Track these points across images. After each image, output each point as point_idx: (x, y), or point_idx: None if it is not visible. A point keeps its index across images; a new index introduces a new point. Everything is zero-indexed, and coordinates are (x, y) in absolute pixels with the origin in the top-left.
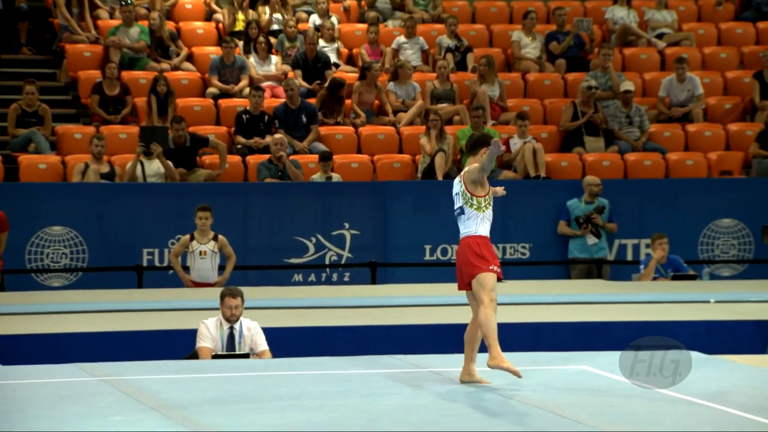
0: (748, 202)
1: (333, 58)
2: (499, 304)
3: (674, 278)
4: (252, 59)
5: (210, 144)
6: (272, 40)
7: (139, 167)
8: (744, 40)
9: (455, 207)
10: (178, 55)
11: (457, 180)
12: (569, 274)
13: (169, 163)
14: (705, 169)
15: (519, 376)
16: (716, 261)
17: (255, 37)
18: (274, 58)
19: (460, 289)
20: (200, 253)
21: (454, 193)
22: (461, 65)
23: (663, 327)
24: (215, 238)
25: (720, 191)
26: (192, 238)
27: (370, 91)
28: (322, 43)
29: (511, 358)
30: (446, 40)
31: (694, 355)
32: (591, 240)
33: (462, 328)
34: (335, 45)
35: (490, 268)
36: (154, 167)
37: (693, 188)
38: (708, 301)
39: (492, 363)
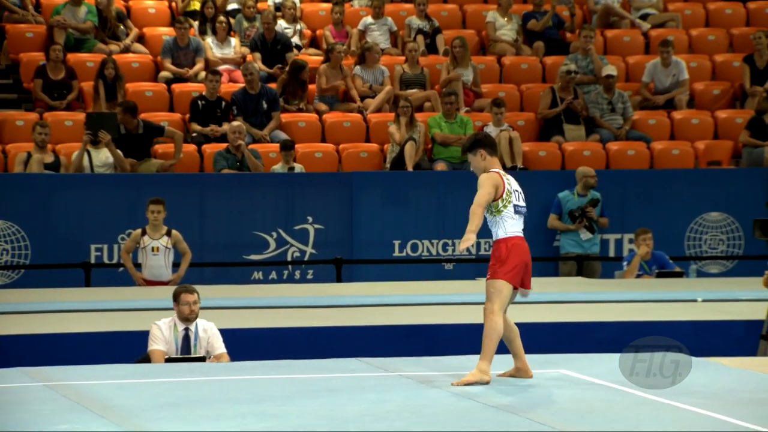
0: (738, 194)
1: (296, 40)
2: (474, 303)
3: (659, 276)
4: (209, 40)
5: (165, 133)
6: (231, 20)
7: (86, 157)
8: (734, 21)
9: None
10: (128, 36)
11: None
12: (557, 271)
13: (119, 152)
14: (692, 159)
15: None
16: (704, 257)
17: (211, 17)
18: (234, 41)
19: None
20: (152, 249)
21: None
22: (431, 48)
23: (647, 327)
24: (168, 234)
25: (708, 183)
26: (144, 233)
27: (335, 75)
28: (284, 24)
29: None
30: (416, 21)
31: (681, 356)
32: (585, 235)
33: (433, 328)
34: (297, 26)
35: (506, 274)
36: (103, 157)
37: (679, 180)
38: (695, 300)
39: (469, 379)
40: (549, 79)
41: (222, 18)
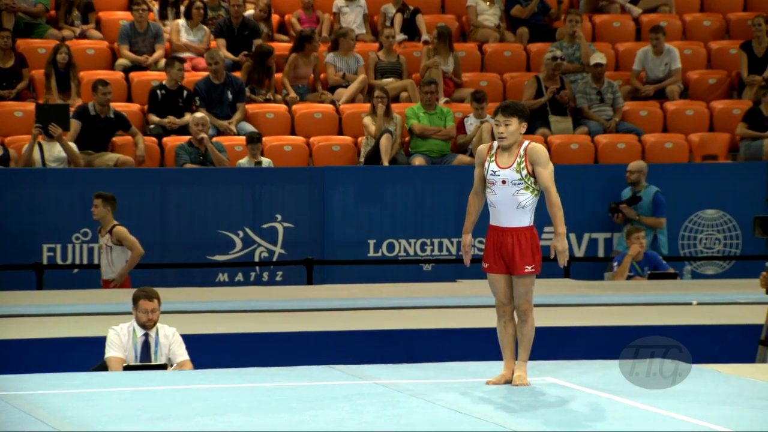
0: (736, 190)
1: (264, 28)
2: (455, 306)
3: (651, 277)
4: (180, 23)
5: (130, 132)
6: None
7: (37, 150)
8: (730, 6)
9: None
10: (84, 21)
11: None
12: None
13: (72, 145)
14: (686, 152)
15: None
16: (699, 257)
17: (172, 1)
18: (206, 29)
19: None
20: (100, 247)
21: None
22: (410, 29)
23: (639, 332)
24: (111, 230)
25: (703, 178)
26: (99, 231)
27: (307, 64)
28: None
29: (467, 369)
30: (392, 9)
31: (673, 364)
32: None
33: (411, 334)
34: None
35: (483, 266)
36: (55, 151)
37: (672, 174)
38: (690, 303)
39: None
40: (534, 67)
41: (199, 3)
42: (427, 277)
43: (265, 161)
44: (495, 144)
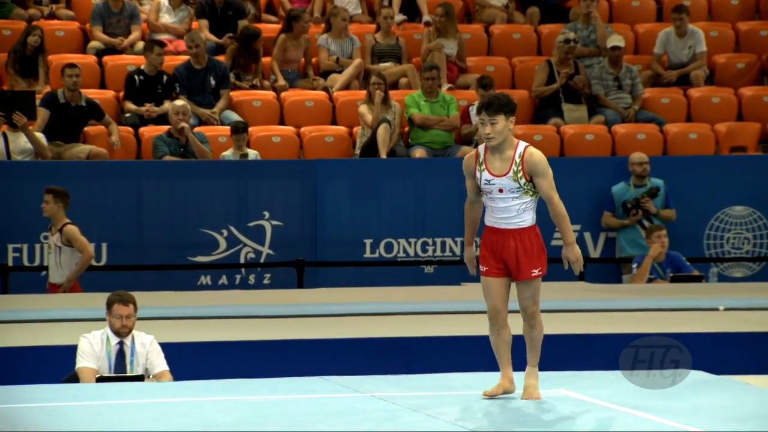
0: (766, 185)
1: (250, 8)
2: (459, 312)
3: (674, 280)
4: (162, 2)
5: (104, 121)
6: None
7: (1, 141)
8: None
9: None
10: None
11: None
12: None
13: (39, 135)
14: (712, 144)
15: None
16: (726, 259)
17: None
18: (189, 10)
19: None
20: (48, 246)
21: None
22: (410, 9)
23: None
24: (61, 229)
25: (731, 172)
26: (49, 229)
27: (297, 46)
28: None
29: (476, 380)
30: None
31: (699, 375)
32: (644, 232)
33: (411, 342)
34: None
35: (482, 270)
36: (21, 142)
37: (697, 168)
38: (716, 309)
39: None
40: (545, 51)
41: None
42: (428, 280)
43: (252, 153)
44: (481, 149)
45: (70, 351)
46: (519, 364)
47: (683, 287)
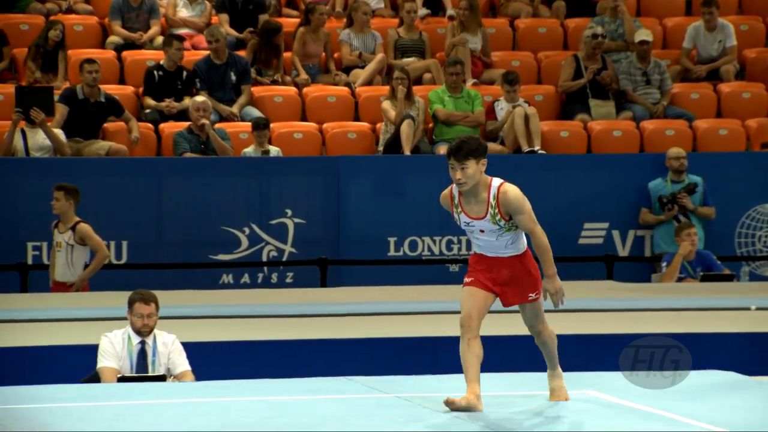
0: None
1: (271, 2)
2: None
3: (704, 279)
4: None
5: (123, 117)
6: None
7: (19, 138)
8: None
9: None
10: None
11: None
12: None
13: (58, 132)
14: (743, 140)
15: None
16: (758, 257)
17: None
18: (207, 4)
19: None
20: (57, 244)
21: None
22: (433, 3)
23: (691, 340)
24: (74, 227)
25: (762, 168)
26: (56, 226)
27: (316, 40)
28: None
29: (501, 380)
30: None
31: (730, 376)
32: None
33: (435, 341)
34: None
35: (466, 281)
36: (39, 139)
37: (728, 164)
38: (748, 309)
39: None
40: (572, 45)
41: None
42: (453, 279)
43: (274, 150)
44: (455, 190)
45: (91, 350)
46: (537, 365)
47: (714, 286)
